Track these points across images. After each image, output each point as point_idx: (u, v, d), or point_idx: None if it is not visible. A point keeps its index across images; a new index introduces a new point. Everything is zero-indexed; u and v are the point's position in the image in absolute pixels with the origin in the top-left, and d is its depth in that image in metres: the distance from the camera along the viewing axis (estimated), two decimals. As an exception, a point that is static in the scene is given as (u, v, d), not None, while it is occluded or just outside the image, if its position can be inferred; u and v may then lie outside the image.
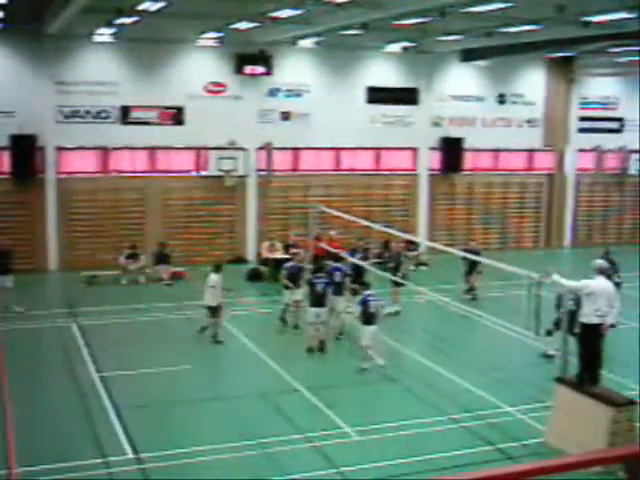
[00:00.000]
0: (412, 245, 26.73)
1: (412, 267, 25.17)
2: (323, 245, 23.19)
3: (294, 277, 19.19)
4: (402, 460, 12.14)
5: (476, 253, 20.85)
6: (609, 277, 17.72)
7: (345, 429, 13.25)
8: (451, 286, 22.51)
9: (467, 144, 30.06)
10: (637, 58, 27.44)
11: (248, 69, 26.87)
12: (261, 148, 27.63)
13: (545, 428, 13.10)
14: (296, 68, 27.83)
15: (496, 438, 13.03)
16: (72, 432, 13.13)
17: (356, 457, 12.22)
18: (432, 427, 13.53)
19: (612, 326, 13.37)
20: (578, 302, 13.28)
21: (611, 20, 18.93)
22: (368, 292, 16.61)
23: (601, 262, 12.87)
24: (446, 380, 15.86)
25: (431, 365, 16.77)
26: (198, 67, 26.81)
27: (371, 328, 16.21)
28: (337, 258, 20.78)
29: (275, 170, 27.83)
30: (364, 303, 16.27)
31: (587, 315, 12.44)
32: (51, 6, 20.34)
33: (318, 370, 16.72)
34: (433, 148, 29.96)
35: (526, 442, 12.86)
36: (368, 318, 16.17)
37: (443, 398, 14.93)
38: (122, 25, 22.37)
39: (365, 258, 21.16)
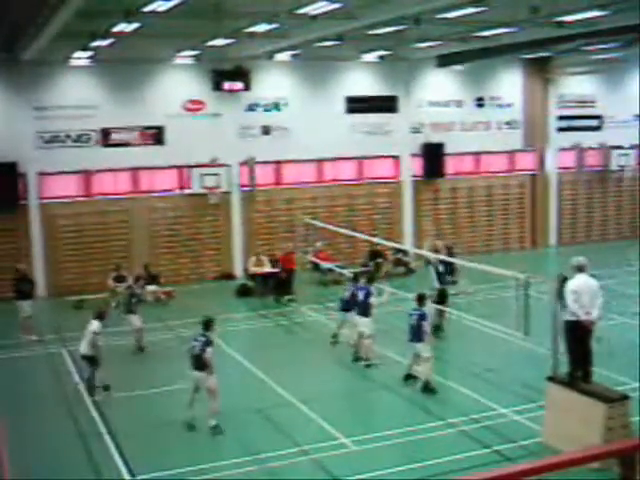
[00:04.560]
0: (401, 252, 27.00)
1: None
2: (312, 258, 23.27)
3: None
4: (400, 468, 12.14)
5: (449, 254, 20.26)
6: None
7: (342, 440, 13.23)
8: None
9: (448, 149, 30.18)
10: (611, 55, 27.69)
11: (226, 85, 26.91)
12: (243, 163, 27.65)
13: (542, 428, 13.12)
14: (274, 82, 27.88)
15: (493, 440, 13.05)
16: (68, 457, 13.08)
17: (354, 467, 12.20)
18: (428, 433, 13.54)
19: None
20: None
21: (584, 19, 19.09)
22: None
23: (580, 259, 12.88)
24: (439, 385, 15.85)
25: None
26: (176, 86, 26.83)
27: None
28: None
29: (258, 185, 27.83)
30: None
31: (572, 312, 12.49)
32: (25, 33, 20.30)
33: (312, 382, 16.69)
34: (414, 154, 30.05)
35: (523, 443, 12.88)
36: None
37: (438, 403, 14.94)
38: (98, 48, 22.37)
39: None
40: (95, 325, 15.96)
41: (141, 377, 17.30)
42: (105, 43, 21.39)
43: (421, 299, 15.86)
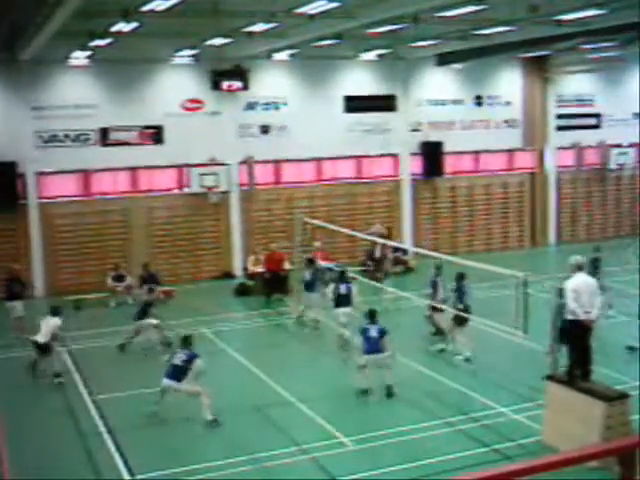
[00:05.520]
0: (401, 251, 26.95)
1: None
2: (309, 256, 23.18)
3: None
4: (399, 467, 12.14)
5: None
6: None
7: (341, 439, 13.23)
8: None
9: (447, 147, 30.16)
10: (610, 54, 27.69)
11: (225, 85, 26.89)
12: (243, 163, 27.64)
13: (541, 427, 13.12)
14: (272, 81, 27.86)
15: (492, 439, 13.05)
16: (67, 456, 13.09)
17: (353, 466, 12.21)
18: (427, 432, 13.53)
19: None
20: None
21: (581, 18, 19.08)
22: None
23: (578, 258, 12.87)
24: (439, 384, 15.87)
25: (423, 369, 16.78)
26: (175, 85, 26.81)
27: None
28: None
29: (258, 184, 27.82)
30: None
31: (573, 311, 12.49)
32: (24, 33, 20.29)
33: (310, 381, 16.68)
34: (414, 153, 30.03)
35: (522, 442, 12.87)
36: None
37: (437, 402, 14.94)
38: (96, 48, 22.36)
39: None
40: (57, 321, 16.88)
41: (139, 376, 17.24)
42: (104, 43, 21.36)
43: (373, 315, 15.91)
